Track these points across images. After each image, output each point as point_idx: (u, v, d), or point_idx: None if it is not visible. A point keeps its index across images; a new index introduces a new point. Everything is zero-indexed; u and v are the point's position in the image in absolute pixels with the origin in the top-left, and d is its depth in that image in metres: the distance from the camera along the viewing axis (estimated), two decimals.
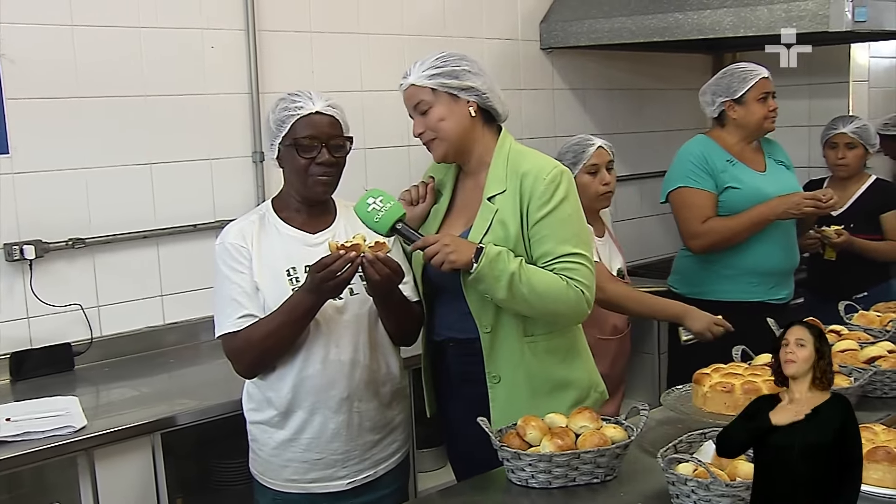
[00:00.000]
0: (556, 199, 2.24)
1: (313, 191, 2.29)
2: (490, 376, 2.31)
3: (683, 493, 1.75)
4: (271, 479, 2.34)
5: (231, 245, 2.27)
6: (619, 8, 4.19)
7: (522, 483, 1.95)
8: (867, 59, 5.35)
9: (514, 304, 2.22)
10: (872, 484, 1.80)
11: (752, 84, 3.41)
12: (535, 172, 2.26)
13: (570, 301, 2.23)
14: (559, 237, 2.24)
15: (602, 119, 4.81)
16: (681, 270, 3.64)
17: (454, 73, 2.27)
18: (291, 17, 3.55)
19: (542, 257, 2.24)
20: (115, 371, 3.04)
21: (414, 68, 2.31)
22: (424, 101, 2.28)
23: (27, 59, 2.93)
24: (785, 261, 3.47)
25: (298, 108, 2.25)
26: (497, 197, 2.27)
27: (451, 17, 4.07)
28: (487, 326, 2.29)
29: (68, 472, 2.49)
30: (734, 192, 3.39)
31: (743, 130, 3.48)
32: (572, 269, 2.23)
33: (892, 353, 2.48)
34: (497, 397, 2.31)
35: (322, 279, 2.08)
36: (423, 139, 2.33)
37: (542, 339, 2.32)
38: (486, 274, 2.16)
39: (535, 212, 2.24)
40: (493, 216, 2.26)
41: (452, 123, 2.28)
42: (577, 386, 2.38)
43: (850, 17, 3.54)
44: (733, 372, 2.27)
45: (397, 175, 3.80)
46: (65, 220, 3.03)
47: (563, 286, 2.21)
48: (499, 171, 2.30)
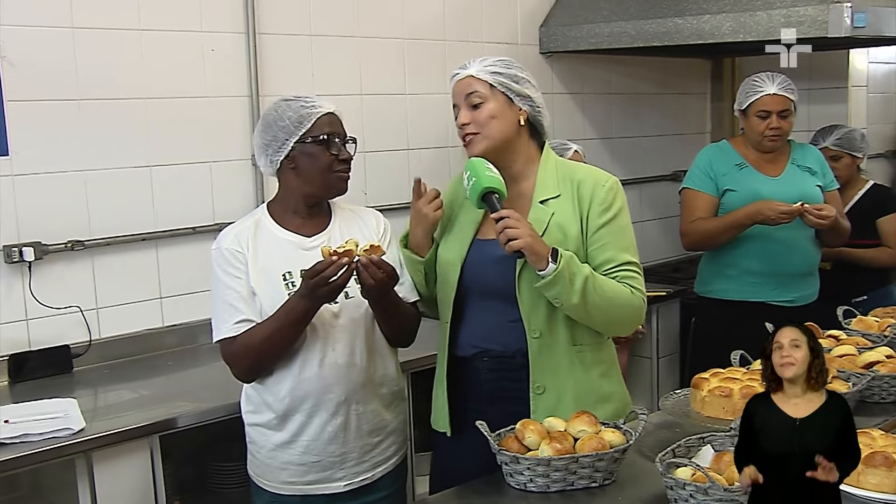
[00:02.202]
0: (615, 207, 2.25)
1: (336, 187, 2.30)
2: (534, 386, 2.23)
3: (682, 498, 1.75)
4: (269, 481, 2.34)
5: (227, 250, 2.27)
6: (619, 13, 4.19)
7: (521, 487, 1.95)
8: (866, 64, 5.36)
9: (584, 309, 2.16)
10: (870, 489, 1.81)
11: (752, 100, 3.48)
12: (592, 179, 2.26)
13: (634, 308, 2.22)
14: (619, 245, 2.23)
15: (601, 123, 4.82)
16: (699, 270, 3.77)
17: (516, 79, 2.26)
18: (291, 21, 3.56)
19: (604, 264, 2.22)
20: (113, 373, 3.04)
21: (475, 62, 2.28)
22: (479, 93, 2.25)
23: (27, 62, 2.93)
24: (788, 263, 3.48)
25: (315, 106, 2.27)
26: (551, 201, 2.25)
27: (451, 21, 4.08)
28: (536, 332, 2.22)
29: (66, 475, 2.49)
30: (731, 194, 3.51)
31: (750, 141, 3.58)
32: (633, 277, 2.23)
33: (890, 358, 2.48)
34: (539, 409, 2.21)
35: (315, 285, 2.09)
36: (465, 131, 2.28)
37: (588, 350, 2.27)
38: (564, 276, 2.09)
39: (595, 218, 2.23)
40: (550, 219, 2.22)
41: (501, 125, 2.25)
42: (617, 399, 2.32)
43: (849, 22, 3.55)
44: (731, 377, 2.27)
45: (397, 179, 3.81)
46: (64, 223, 3.04)
47: (629, 293, 2.20)
48: (548, 177, 2.28)
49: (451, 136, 4.02)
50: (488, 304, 2.28)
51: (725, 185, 3.52)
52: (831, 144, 4.05)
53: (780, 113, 3.46)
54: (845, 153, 4.05)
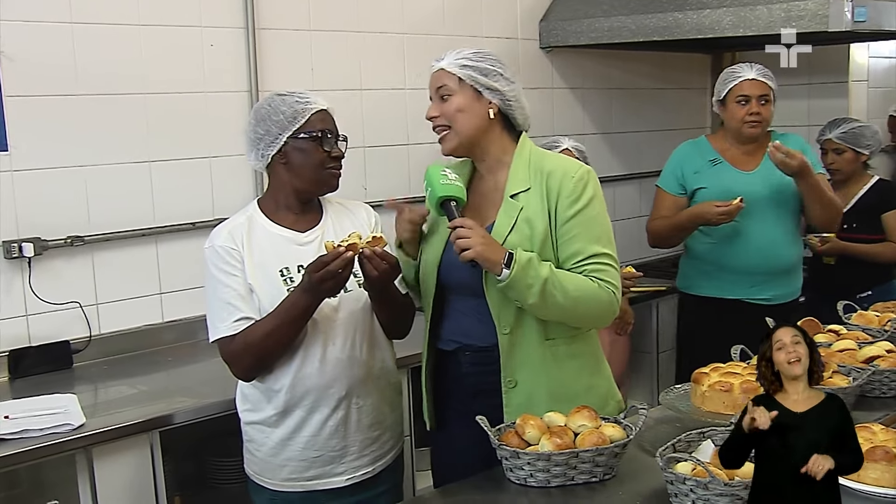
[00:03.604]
0: (584, 197, 2.21)
1: (328, 184, 2.30)
2: (505, 381, 2.22)
3: (682, 493, 1.75)
4: (269, 479, 2.33)
5: (222, 248, 2.26)
6: (619, 7, 4.19)
7: (521, 482, 1.95)
8: (866, 58, 5.35)
9: (546, 310, 2.15)
10: (871, 483, 1.81)
11: (731, 86, 3.46)
12: (561, 171, 2.23)
13: (601, 303, 2.19)
14: (589, 236, 2.20)
15: (601, 118, 4.82)
16: (680, 267, 3.79)
17: (485, 71, 2.24)
18: (291, 16, 3.55)
19: (573, 257, 2.19)
20: (113, 369, 3.04)
21: (449, 55, 2.27)
22: (448, 87, 2.24)
23: (26, 57, 2.93)
24: (761, 262, 3.46)
25: (309, 102, 2.26)
26: (520, 195, 2.23)
27: (451, 16, 4.07)
28: (506, 328, 2.21)
29: (67, 470, 2.49)
30: (703, 192, 3.52)
31: (729, 132, 3.55)
32: (602, 269, 2.19)
33: (891, 352, 2.48)
34: (511, 403, 2.21)
35: (320, 279, 2.08)
36: (435, 124, 2.27)
37: (563, 343, 2.25)
38: (519, 280, 2.08)
39: (564, 210, 2.20)
40: (518, 214, 2.21)
41: (468, 118, 2.23)
42: (597, 394, 2.29)
43: (849, 17, 3.54)
44: (732, 371, 2.27)
45: (396, 174, 3.81)
46: (64, 218, 3.03)
47: (595, 288, 2.17)
48: (520, 169, 2.26)
49: None
50: (464, 301, 2.28)
51: (697, 184, 3.52)
52: (835, 137, 4.04)
53: (760, 98, 3.44)
54: (848, 147, 4.04)
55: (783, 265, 3.52)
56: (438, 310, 2.33)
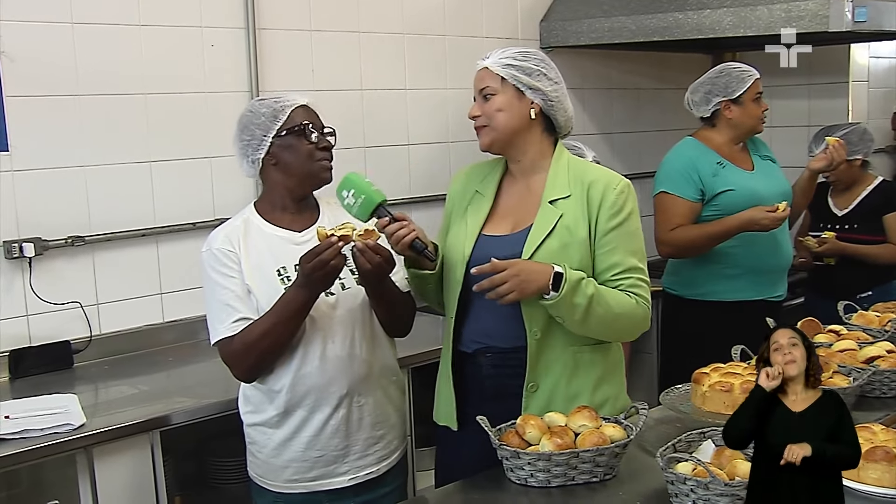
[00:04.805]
0: (625, 210, 2.21)
1: (320, 176, 2.30)
2: (528, 385, 2.20)
3: (682, 493, 1.76)
4: (272, 480, 2.33)
5: (219, 250, 2.26)
6: (619, 7, 4.19)
7: (521, 482, 1.95)
8: (867, 59, 5.36)
9: (584, 326, 2.15)
10: (871, 483, 1.81)
11: (749, 84, 3.43)
12: (604, 182, 2.23)
13: (636, 319, 2.20)
14: (627, 249, 2.20)
15: (601, 118, 4.82)
16: (676, 272, 3.63)
17: (528, 70, 2.23)
18: (291, 16, 3.55)
19: (610, 269, 2.19)
20: (114, 369, 3.04)
21: (494, 53, 2.26)
22: (490, 86, 2.24)
23: (27, 57, 2.93)
24: (779, 259, 3.46)
25: (287, 100, 2.28)
26: (560, 201, 2.22)
27: (452, 16, 4.07)
28: (537, 332, 2.19)
29: (67, 470, 2.49)
30: (730, 194, 3.36)
31: (735, 130, 3.48)
32: (639, 286, 2.20)
33: (891, 353, 2.48)
34: (530, 406, 2.19)
35: (312, 269, 2.08)
36: (476, 123, 2.27)
37: (588, 351, 2.23)
38: (567, 300, 2.08)
39: (605, 221, 2.19)
40: (558, 220, 2.19)
41: (508, 117, 2.23)
42: (612, 401, 2.27)
43: (849, 17, 3.54)
44: (732, 371, 2.27)
45: (397, 173, 3.81)
46: (64, 218, 3.03)
47: (633, 304, 2.18)
48: (560, 176, 2.25)
49: (451, 131, 4.05)
50: (491, 301, 2.22)
51: (720, 187, 3.36)
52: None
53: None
54: None
55: (790, 262, 3.54)
56: (461, 309, 2.30)
